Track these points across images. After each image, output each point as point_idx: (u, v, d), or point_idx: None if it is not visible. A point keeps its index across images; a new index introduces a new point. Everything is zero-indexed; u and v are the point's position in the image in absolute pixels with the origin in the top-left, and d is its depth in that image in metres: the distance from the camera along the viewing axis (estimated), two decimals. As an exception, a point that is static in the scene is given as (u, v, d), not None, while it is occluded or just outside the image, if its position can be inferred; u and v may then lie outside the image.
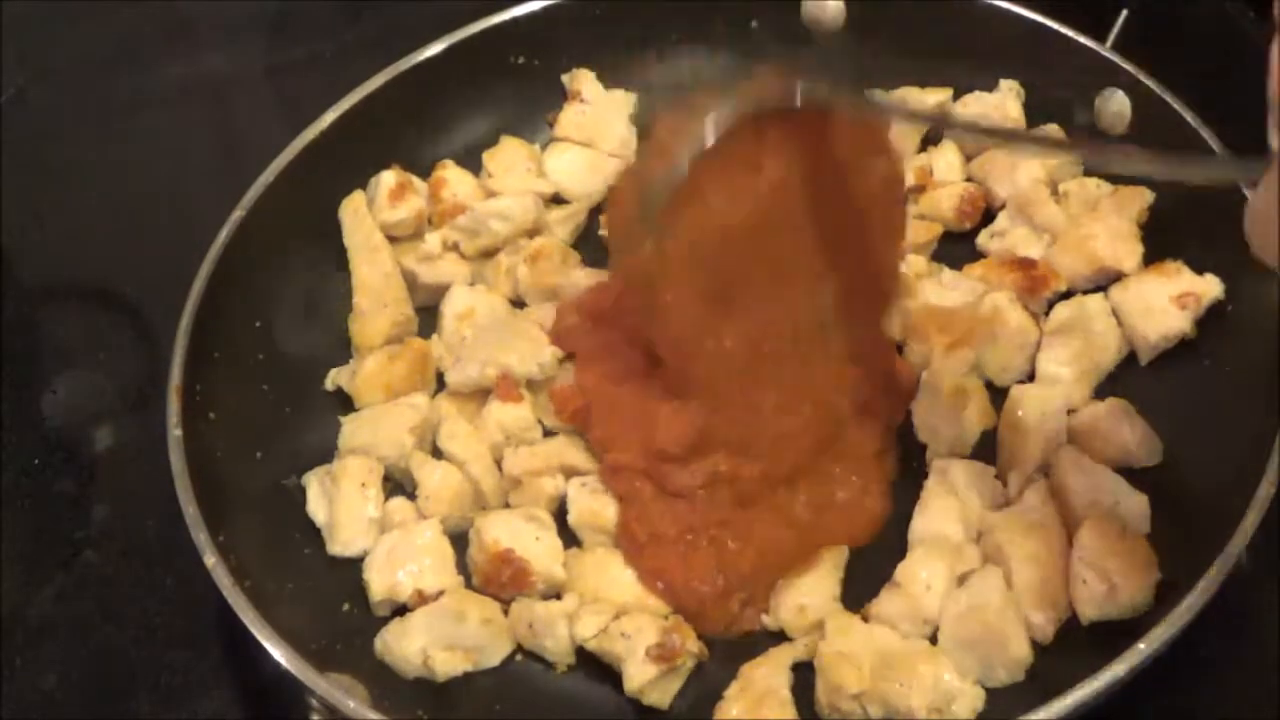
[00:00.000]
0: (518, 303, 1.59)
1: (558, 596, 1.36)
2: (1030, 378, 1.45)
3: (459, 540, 1.40)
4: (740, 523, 1.37)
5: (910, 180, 1.62)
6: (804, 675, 1.30)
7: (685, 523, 1.37)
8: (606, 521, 1.40)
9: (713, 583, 1.34)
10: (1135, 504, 1.31)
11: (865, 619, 1.31)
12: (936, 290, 1.50)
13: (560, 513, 1.42)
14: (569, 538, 1.41)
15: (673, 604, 1.35)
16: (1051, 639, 1.27)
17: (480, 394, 1.49)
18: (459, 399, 1.49)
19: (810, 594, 1.33)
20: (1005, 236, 1.56)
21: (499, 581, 1.36)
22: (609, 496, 1.41)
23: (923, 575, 1.29)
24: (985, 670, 1.25)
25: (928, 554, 1.31)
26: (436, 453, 1.46)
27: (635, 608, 1.34)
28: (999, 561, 1.29)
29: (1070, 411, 1.40)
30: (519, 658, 1.35)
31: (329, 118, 1.61)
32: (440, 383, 1.52)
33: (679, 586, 1.34)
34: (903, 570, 1.30)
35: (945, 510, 1.34)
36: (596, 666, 1.33)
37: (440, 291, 1.58)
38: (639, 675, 1.27)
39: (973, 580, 1.28)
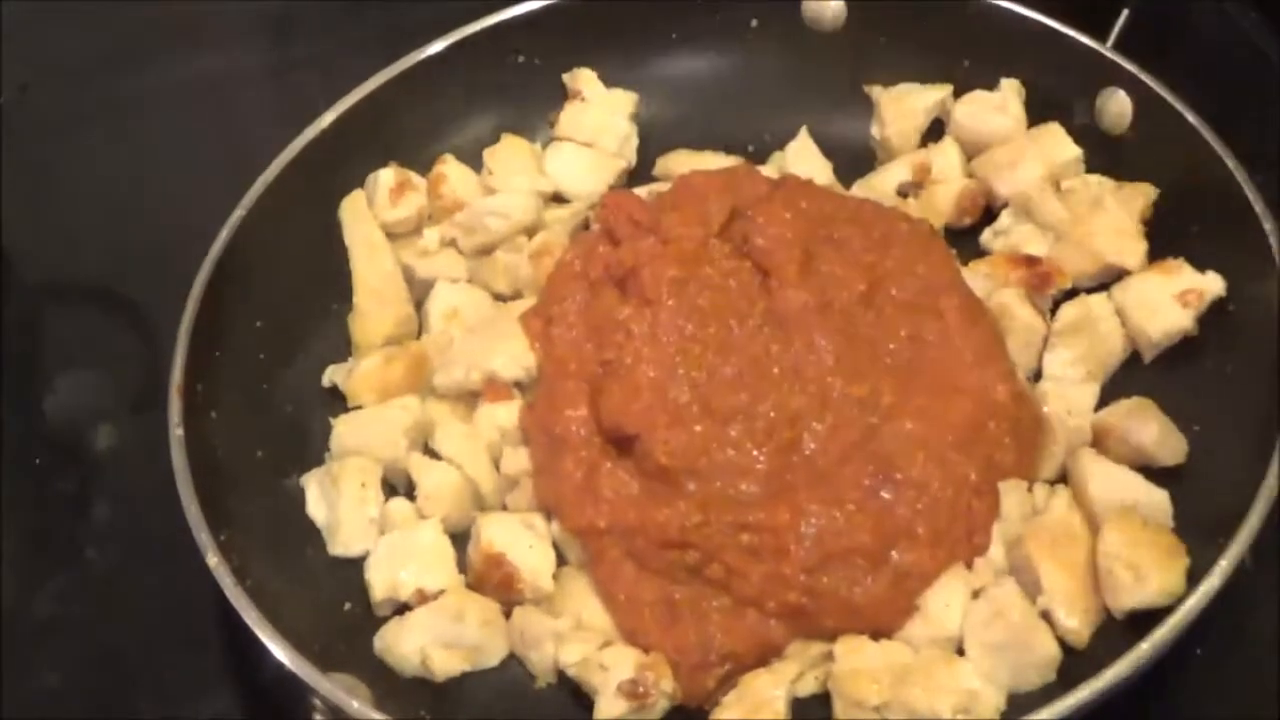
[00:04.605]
0: (515, 297, 1.57)
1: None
2: (1037, 375, 1.45)
3: (461, 539, 1.39)
4: (732, 607, 1.29)
5: (908, 176, 1.63)
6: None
7: (665, 592, 1.31)
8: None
9: (690, 658, 1.27)
10: (1157, 500, 1.31)
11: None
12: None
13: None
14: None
15: None
16: (1086, 642, 1.25)
17: (472, 393, 1.48)
18: (450, 400, 1.48)
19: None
20: (1009, 234, 1.56)
21: (490, 583, 1.35)
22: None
23: (940, 594, 1.28)
24: (1016, 674, 1.23)
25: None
26: (433, 454, 1.45)
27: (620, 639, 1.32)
28: (1028, 570, 1.27)
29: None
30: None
31: (329, 117, 1.61)
32: (433, 384, 1.52)
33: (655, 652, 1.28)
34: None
35: None
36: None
37: (439, 288, 1.59)
38: (608, 709, 1.25)
39: (990, 590, 1.27)
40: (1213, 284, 1.42)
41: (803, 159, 1.65)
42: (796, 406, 1.34)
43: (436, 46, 1.68)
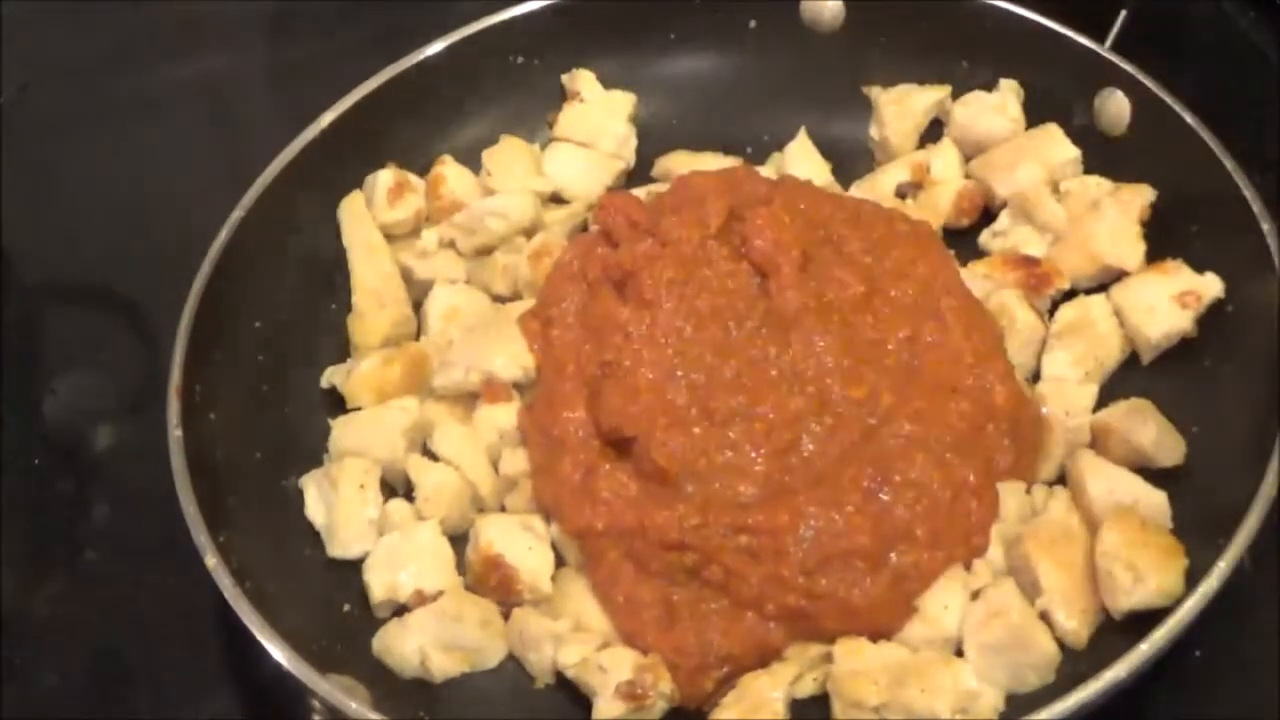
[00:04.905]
0: (514, 298, 1.57)
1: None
2: (1036, 376, 1.45)
3: (460, 541, 1.39)
4: (731, 609, 1.29)
5: (907, 177, 1.63)
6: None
7: (664, 594, 1.31)
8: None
9: (689, 660, 1.27)
10: (1156, 501, 1.31)
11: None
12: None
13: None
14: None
15: None
16: (1085, 644, 1.25)
17: (470, 395, 1.48)
18: (448, 401, 1.48)
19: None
20: (1007, 235, 1.56)
21: (489, 584, 1.35)
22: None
23: (939, 596, 1.28)
24: (1015, 675, 1.24)
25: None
26: (431, 455, 1.45)
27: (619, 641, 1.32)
28: (1026, 571, 1.28)
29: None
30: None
31: (328, 118, 1.61)
32: (431, 385, 1.52)
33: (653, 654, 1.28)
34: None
35: None
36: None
37: (438, 289, 1.59)
38: (606, 710, 1.25)
39: (988, 591, 1.28)
40: (1211, 285, 1.42)
41: (801, 160, 1.65)
42: (795, 408, 1.34)
43: (435, 47, 1.68)
